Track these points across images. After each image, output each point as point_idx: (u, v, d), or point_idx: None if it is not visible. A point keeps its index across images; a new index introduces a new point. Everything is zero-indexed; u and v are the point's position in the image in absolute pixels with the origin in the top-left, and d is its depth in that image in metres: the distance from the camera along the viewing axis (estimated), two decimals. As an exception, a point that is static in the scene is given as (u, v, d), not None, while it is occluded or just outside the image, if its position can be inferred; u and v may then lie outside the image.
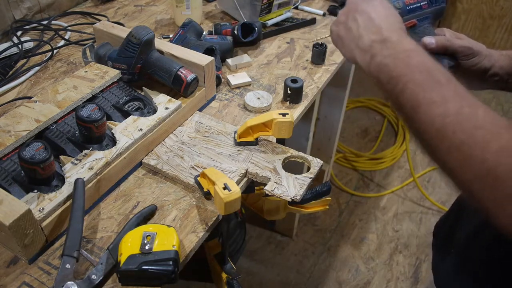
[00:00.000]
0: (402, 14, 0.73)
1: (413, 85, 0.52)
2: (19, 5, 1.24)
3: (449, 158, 0.48)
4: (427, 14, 0.73)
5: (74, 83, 0.90)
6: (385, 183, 2.14)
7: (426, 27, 0.74)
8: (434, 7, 0.73)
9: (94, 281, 0.65)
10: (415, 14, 0.73)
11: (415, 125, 0.52)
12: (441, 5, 0.74)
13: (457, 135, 0.47)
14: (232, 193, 0.70)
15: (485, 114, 0.46)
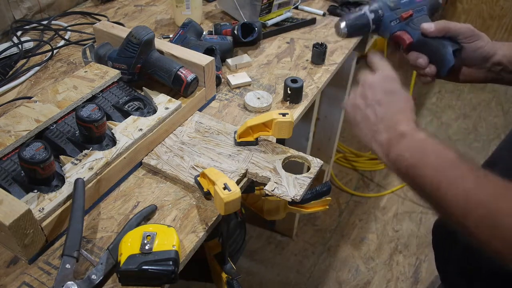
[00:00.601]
0: (397, 6, 0.73)
1: (431, 169, 0.54)
2: (19, 5, 1.24)
3: (477, 231, 0.49)
4: (422, 6, 0.73)
5: (74, 83, 0.90)
6: (385, 183, 2.14)
7: (423, 17, 0.74)
8: None
9: (94, 281, 0.65)
10: (411, 5, 0.74)
11: (440, 207, 0.54)
12: None
13: (479, 210, 0.48)
14: (232, 193, 0.70)
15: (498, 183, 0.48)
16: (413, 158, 0.57)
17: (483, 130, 2.49)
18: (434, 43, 0.71)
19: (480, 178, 0.50)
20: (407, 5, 0.74)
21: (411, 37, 0.74)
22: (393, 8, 0.74)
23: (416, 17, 0.74)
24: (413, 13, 0.73)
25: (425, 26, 0.72)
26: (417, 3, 0.74)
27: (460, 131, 2.47)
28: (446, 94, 2.73)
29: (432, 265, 1.80)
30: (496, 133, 2.47)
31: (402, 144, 0.59)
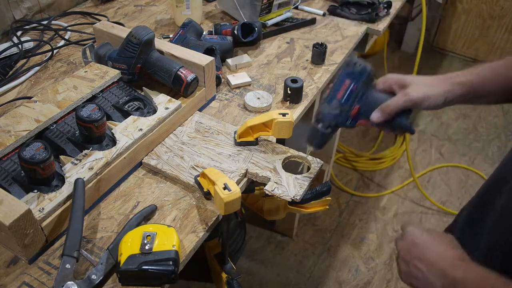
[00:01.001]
0: (342, 107, 0.74)
1: None
2: (19, 5, 1.24)
3: None
4: (359, 92, 0.74)
5: (74, 83, 0.90)
6: (385, 183, 2.14)
7: (368, 99, 0.74)
8: (361, 81, 0.74)
9: (94, 281, 0.65)
10: (353, 100, 0.74)
11: None
12: (366, 72, 0.74)
13: None
14: (232, 193, 0.70)
15: None
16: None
17: (483, 130, 2.49)
18: (388, 125, 0.74)
19: None
20: (349, 102, 0.74)
21: (368, 121, 0.75)
22: (341, 112, 0.75)
23: (362, 106, 0.75)
24: (359, 107, 0.74)
25: (374, 119, 0.73)
26: (355, 93, 0.74)
27: (460, 131, 2.47)
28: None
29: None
30: (496, 133, 2.47)
31: None
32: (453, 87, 0.70)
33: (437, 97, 0.70)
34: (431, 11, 2.89)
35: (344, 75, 0.74)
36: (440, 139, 2.41)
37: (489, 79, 0.70)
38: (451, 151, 2.34)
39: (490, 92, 0.71)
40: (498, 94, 0.71)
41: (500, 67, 0.70)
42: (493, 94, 0.71)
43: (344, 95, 0.73)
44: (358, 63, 0.73)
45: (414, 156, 2.29)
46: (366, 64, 0.73)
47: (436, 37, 3.03)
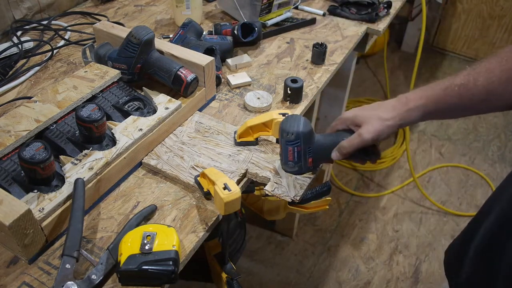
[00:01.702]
0: (298, 164, 0.79)
1: None
2: (19, 5, 1.24)
3: None
4: (307, 146, 0.77)
5: (74, 83, 0.90)
6: (385, 183, 2.14)
7: (318, 148, 0.78)
8: (301, 142, 0.76)
9: (94, 281, 0.65)
10: (304, 157, 0.78)
11: None
12: (301, 135, 0.76)
13: None
14: (232, 193, 0.70)
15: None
16: None
17: (483, 130, 2.49)
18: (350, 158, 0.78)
19: None
20: (301, 159, 0.78)
21: (329, 161, 0.80)
22: (299, 168, 0.80)
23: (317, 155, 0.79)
24: (313, 158, 0.79)
25: (334, 158, 0.78)
26: (302, 152, 0.78)
27: (460, 131, 2.47)
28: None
29: (432, 265, 1.80)
30: (496, 133, 2.47)
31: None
32: (409, 113, 0.71)
33: (391, 128, 0.72)
34: (431, 11, 2.89)
35: (284, 144, 0.78)
36: (440, 139, 2.41)
37: (443, 100, 0.70)
38: (451, 151, 2.34)
39: (448, 111, 0.71)
40: (457, 111, 0.72)
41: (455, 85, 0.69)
42: (452, 112, 0.72)
43: (294, 157, 0.78)
44: (289, 132, 0.76)
45: (414, 156, 2.29)
46: (297, 129, 0.76)
47: (436, 37, 3.03)
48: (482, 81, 0.66)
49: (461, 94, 0.68)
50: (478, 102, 0.67)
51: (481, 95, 0.66)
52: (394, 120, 0.71)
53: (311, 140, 0.77)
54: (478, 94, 0.66)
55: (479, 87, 0.66)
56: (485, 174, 2.20)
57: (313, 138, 0.78)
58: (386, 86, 2.65)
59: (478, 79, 0.66)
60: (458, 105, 0.69)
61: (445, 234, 1.93)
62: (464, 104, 0.68)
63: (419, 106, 0.70)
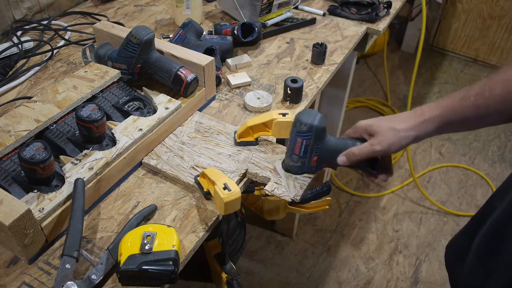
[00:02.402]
0: (302, 160, 0.79)
1: None
2: (19, 5, 1.24)
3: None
4: (316, 143, 0.77)
5: (74, 83, 0.90)
6: (385, 183, 2.14)
7: (326, 147, 0.78)
8: (311, 136, 0.76)
9: (94, 281, 0.65)
10: (310, 153, 0.78)
11: None
12: (313, 128, 0.76)
13: None
14: (232, 193, 0.70)
15: None
16: None
17: (483, 130, 2.49)
18: (354, 166, 0.78)
19: None
20: (307, 155, 0.78)
21: (333, 165, 0.80)
22: (302, 164, 0.80)
23: (321, 155, 0.79)
24: (318, 156, 0.78)
25: (340, 163, 0.77)
26: (310, 147, 0.77)
27: (460, 131, 2.47)
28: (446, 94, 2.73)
29: (432, 265, 1.80)
30: (496, 133, 2.47)
31: None
32: (424, 124, 0.71)
33: (404, 140, 0.71)
34: (431, 11, 2.89)
35: (295, 134, 0.77)
36: (440, 139, 2.41)
37: (459, 110, 0.69)
38: (451, 151, 2.34)
39: (464, 122, 0.70)
40: (473, 122, 0.70)
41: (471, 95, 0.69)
42: (468, 123, 0.71)
43: (300, 151, 0.78)
44: (303, 123, 0.76)
45: (414, 156, 2.29)
46: (312, 122, 0.75)
47: (436, 37, 3.03)
48: (499, 91, 0.65)
49: (477, 104, 0.67)
50: (495, 112, 0.67)
51: (497, 105, 0.66)
52: (408, 132, 0.71)
53: (322, 138, 0.77)
54: (495, 104, 0.66)
55: (495, 97, 0.65)
56: (485, 174, 2.20)
57: (324, 137, 0.77)
58: (386, 86, 2.65)
59: (494, 89, 0.65)
60: (474, 116, 0.68)
61: (445, 234, 1.93)
62: (480, 114, 0.67)
63: (435, 117, 0.70)
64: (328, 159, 0.79)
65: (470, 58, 2.98)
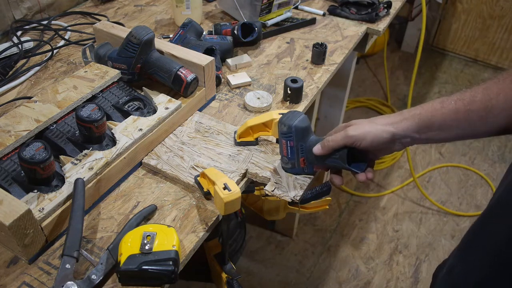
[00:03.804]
0: (291, 161, 0.79)
1: None
2: (19, 5, 1.24)
3: None
4: (300, 144, 0.77)
5: (74, 83, 0.90)
6: (385, 183, 2.14)
7: (309, 148, 0.77)
8: (293, 137, 0.76)
9: (94, 281, 0.65)
10: (296, 154, 0.78)
11: None
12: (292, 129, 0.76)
13: None
14: (232, 193, 0.70)
15: None
16: None
17: (483, 130, 2.49)
18: (331, 163, 0.76)
19: None
20: (294, 156, 0.79)
21: (321, 166, 0.80)
22: (292, 165, 0.80)
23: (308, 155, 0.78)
24: (305, 157, 0.78)
25: (315, 151, 0.76)
26: (294, 148, 0.78)
27: (460, 131, 2.47)
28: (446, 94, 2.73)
29: (432, 265, 1.80)
30: (496, 133, 2.47)
31: None
32: (403, 122, 0.70)
33: (380, 132, 0.70)
34: (431, 11, 2.89)
35: (279, 136, 0.78)
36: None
37: (439, 112, 0.68)
38: (451, 151, 2.34)
39: (444, 126, 0.69)
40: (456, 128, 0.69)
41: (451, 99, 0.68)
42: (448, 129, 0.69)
43: (287, 152, 0.79)
44: (283, 124, 0.76)
45: (414, 156, 2.29)
46: (291, 122, 0.75)
47: (436, 37, 3.03)
48: (480, 97, 0.65)
49: (458, 109, 0.67)
50: (476, 119, 0.66)
51: (479, 111, 0.65)
52: (386, 126, 0.70)
53: (304, 137, 0.77)
54: (476, 110, 0.66)
55: (477, 103, 0.65)
56: (485, 174, 2.20)
57: (306, 136, 0.77)
58: (386, 86, 2.65)
59: (476, 95, 0.66)
60: (455, 120, 0.68)
61: (445, 234, 1.93)
62: (460, 119, 0.67)
63: (414, 115, 0.69)
64: (313, 159, 0.78)
65: (470, 58, 2.98)
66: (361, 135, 0.71)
